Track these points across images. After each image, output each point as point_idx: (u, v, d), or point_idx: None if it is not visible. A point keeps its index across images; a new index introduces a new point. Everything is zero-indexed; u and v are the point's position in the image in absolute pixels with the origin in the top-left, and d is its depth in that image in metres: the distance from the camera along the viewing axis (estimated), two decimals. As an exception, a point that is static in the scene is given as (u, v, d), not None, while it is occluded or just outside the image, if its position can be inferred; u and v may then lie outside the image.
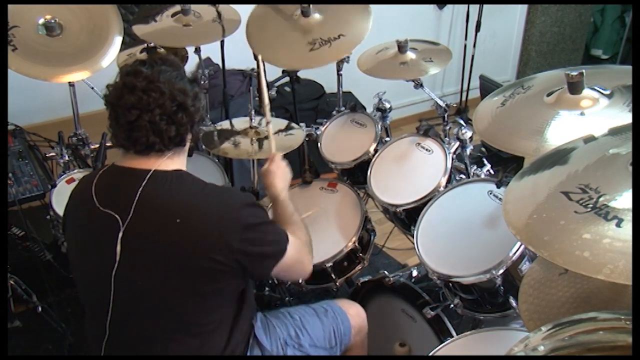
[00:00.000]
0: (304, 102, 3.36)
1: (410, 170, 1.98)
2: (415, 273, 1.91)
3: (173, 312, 1.30)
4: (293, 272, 1.49)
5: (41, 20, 2.02)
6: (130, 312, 1.33)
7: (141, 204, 1.28)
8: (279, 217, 1.58)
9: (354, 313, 1.70)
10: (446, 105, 2.14)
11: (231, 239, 1.26)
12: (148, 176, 1.29)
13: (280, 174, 1.61)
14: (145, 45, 2.33)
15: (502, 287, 1.54)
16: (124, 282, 1.30)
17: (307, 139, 2.21)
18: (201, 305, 1.31)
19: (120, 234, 1.28)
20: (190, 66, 2.51)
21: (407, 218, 1.92)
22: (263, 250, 1.34)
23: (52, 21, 2.02)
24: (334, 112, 2.37)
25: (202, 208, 1.28)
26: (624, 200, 0.86)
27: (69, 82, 2.09)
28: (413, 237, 1.71)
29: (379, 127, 2.17)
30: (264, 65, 2.03)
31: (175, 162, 1.35)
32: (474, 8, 3.86)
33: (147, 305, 1.31)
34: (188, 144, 1.40)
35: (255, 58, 2.04)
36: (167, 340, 1.32)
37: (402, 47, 2.07)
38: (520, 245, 1.51)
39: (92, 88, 2.25)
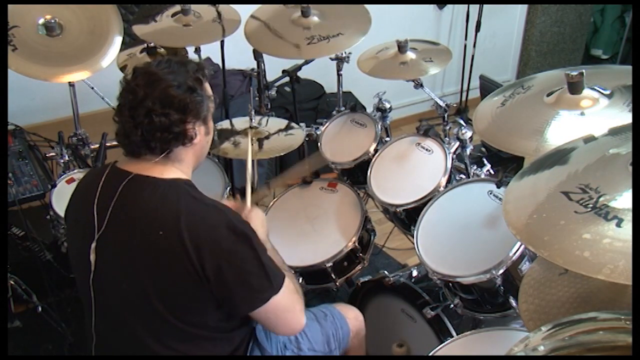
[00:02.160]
0: (304, 102, 3.36)
1: (410, 170, 1.98)
2: (415, 273, 1.91)
3: (162, 318, 1.27)
4: (282, 320, 1.37)
5: (41, 20, 2.03)
6: (115, 316, 1.32)
7: (121, 209, 1.26)
8: None
9: (353, 317, 1.70)
10: (446, 105, 2.14)
11: (206, 264, 1.22)
12: (125, 181, 1.27)
13: (258, 225, 1.46)
14: (145, 45, 2.33)
15: (502, 287, 1.54)
16: (103, 287, 1.30)
17: (307, 139, 2.21)
18: (192, 311, 1.30)
19: (94, 244, 1.27)
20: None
21: (407, 218, 1.92)
22: (243, 283, 1.27)
23: (52, 21, 2.02)
24: (334, 112, 2.37)
25: (185, 225, 1.22)
26: (624, 200, 0.86)
27: (69, 82, 2.09)
28: (413, 237, 1.71)
29: (379, 127, 2.17)
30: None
31: (169, 170, 1.31)
32: (474, 8, 3.86)
33: (133, 310, 1.30)
34: (186, 154, 1.34)
35: (256, 58, 2.05)
36: (158, 345, 1.30)
37: (402, 47, 2.07)
38: (520, 245, 1.51)
39: (92, 88, 2.25)
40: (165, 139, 1.28)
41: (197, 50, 2.38)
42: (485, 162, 1.98)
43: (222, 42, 2.38)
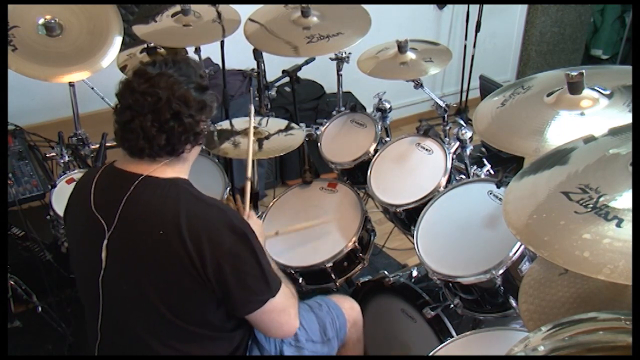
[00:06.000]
0: (304, 102, 3.36)
1: (410, 170, 1.98)
2: (415, 273, 1.91)
3: (163, 318, 1.28)
4: (277, 323, 1.38)
5: (41, 20, 2.03)
6: (120, 316, 1.32)
7: (128, 209, 1.26)
8: None
9: (348, 307, 1.70)
10: (446, 105, 2.14)
11: (207, 264, 1.22)
12: (137, 182, 1.26)
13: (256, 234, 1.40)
14: (145, 45, 2.33)
15: (502, 287, 1.53)
16: (112, 286, 1.30)
17: (307, 139, 2.21)
18: (194, 310, 1.30)
19: (106, 241, 1.27)
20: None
21: (407, 218, 1.92)
22: (243, 285, 1.28)
23: (52, 21, 2.02)
24: (334, 112, 2.37)
25: (186, 225, 1.22)
26: (624, 200, 0.86)
27: (69, 82, 2.09)
28: (413, 237, 1.71)
29: (379, 127, 2.17)
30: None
31: (172, 169, 1.31)
32: (474, 8, 3.86)
33: (136, 310, 1.30)
34: (191, 154, 1.34)
35: (256, 58, 2.05)
36: (160, 346, 1.30)
37: (402, 47, 2.07)
38: (520, 245, 1.51)
39: (92, 88, 2.25)
40: (187, 140, 1.28)
41: (197, 50, 2.38)
42: (485, 162, 1.98)
43: (222, 42, 2.38)
